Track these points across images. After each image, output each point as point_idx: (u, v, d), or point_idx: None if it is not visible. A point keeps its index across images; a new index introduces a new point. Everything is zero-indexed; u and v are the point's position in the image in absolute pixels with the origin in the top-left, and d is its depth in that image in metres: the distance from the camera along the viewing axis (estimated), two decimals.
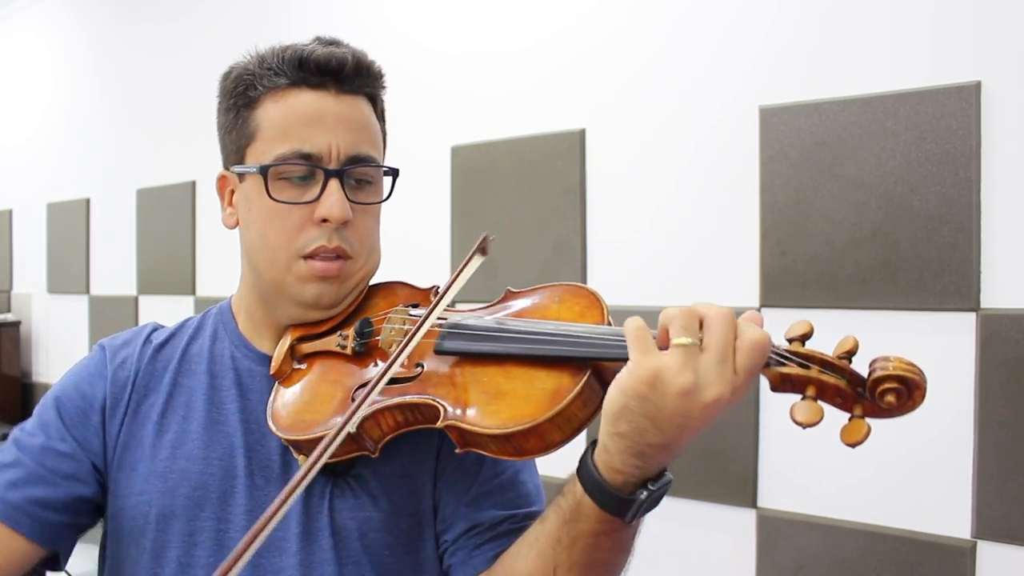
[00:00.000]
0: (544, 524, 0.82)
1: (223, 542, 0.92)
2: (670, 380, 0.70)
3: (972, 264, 1.54)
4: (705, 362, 0.70)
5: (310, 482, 0.93)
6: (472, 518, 0.94)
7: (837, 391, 0.71)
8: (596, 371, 0.80)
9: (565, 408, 0.77)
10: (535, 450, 0.79)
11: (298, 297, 0.96)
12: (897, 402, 0.69)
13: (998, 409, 1.53)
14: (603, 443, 0.75)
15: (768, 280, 1.78)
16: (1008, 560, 1.51)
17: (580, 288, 0.90)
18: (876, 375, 0.69)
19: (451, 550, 0.95)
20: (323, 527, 0.93)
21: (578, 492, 0.77)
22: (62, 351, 3.90)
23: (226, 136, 0.99)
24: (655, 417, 0.71)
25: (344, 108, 0.94)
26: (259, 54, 0.97)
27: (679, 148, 1.94)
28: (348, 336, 0.96)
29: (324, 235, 0.93)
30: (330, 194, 0.92)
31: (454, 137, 2.33)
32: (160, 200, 3.34)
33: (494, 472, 0.96)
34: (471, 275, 0.89)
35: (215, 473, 0.94)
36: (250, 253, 0.99)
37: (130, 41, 3.57)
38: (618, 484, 0.74)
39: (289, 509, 0.93)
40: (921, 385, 0.68)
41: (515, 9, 2.24)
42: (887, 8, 1.66)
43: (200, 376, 1.01)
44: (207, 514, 0.93)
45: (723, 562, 1.86)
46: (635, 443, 0.72)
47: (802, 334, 0.73)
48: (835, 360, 0.71)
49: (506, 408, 0.80)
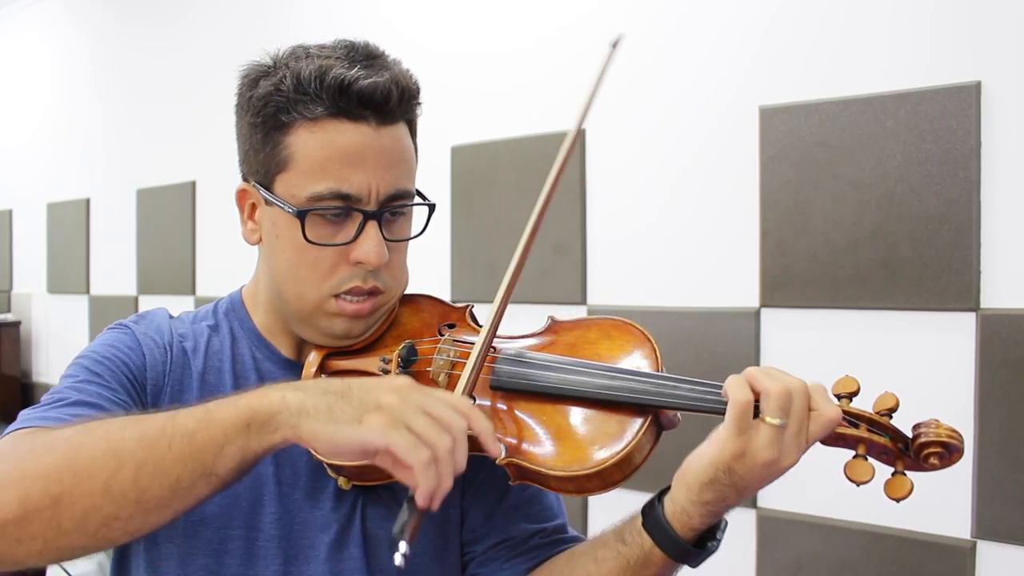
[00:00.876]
0: (600, 567, 0.86)
1: (253, 551, 0.90)
2: (758, 455, 0.76)
3: (972, 264, 1.54)
4: (787, 436, 0.76)
5: (343, 490, 0.90)
6: (504, 531, 0.96)
7: (883, 449, 0.78)
8: (655, 415, 0.83)
9: (630, 452, 0.80)
10: (595, 489, 0.82)
11: (326, 331, 0.93)
12: (940, 464, 0.76)
13: (998, 409, 1.53)
14: (683, 507, 0.80)
15: (768, 280, 1.78)
16: (1008, 560, 1.51)
17: (628, 325, 0.92)
18: (921, 440, 0.76)
19: (479, 560, 0.96)
20: (355, 536, 0.92)
21: (646, 544, 0.82)
22: (62, 351, 3.90)
23: (251, 152, 0.93)
24: (739, 486, 0.77)
25: (384, 141, 0.89)
26: (294, 72, 0.88)
27: (679, 148, 1.94)
28: (391, 361, 0.93)
29: (359, 275, 0.90)
30: (368, 238, 0.88)
31: (454, 137, 2.33)
32: (160, 200, 3.34)
33: (522, 486, 0.96)
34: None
35: (244, 481, 0.91)
36: (276, 278, 0.94)
37: (130, 41, 3.57)
38: (691, 539, 0.81)
39: (319, 517, 0.92)
40: (961, 450, 0.76)
41: (515, 9, 2.24)
42: (887, 8, 1.65)
43: (225, 376, 0.97)
44: (237, 522, 0.91)
45: (723, 562, 1.86)
46: (717, 508, 0.80)
47: (850, 392, 0.79)
48: (880, 419, 0.78)
49: (570, 450, 0.82)
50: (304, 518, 0.93)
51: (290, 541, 0.92)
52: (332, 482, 0.92)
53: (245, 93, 0.92)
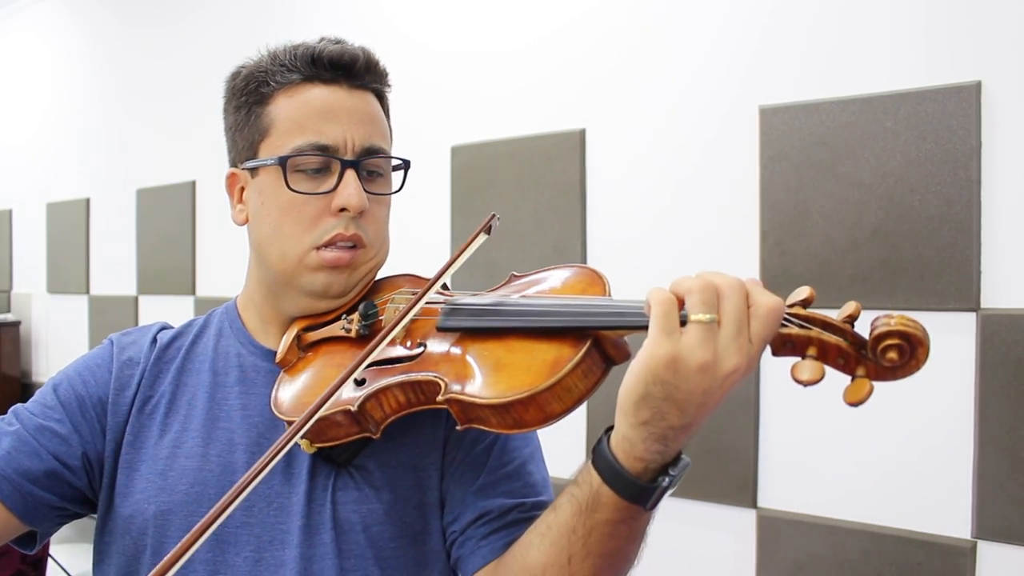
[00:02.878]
0: (557, 514, 0.81)
1: (223, 537, 0.92)
2: (689, 358, 0.68)
3: (972, 264, 1.54)
4: (723, 336, 0.69)
5: (315, 475, 0.93)
6: (480, 507, 0.94)
7: (839, 351, 0.69)
8: (597, 342, 0.79)
9: (565, 377, 0.76)
10: (534, 421, 0.78)
11: (308, 287, 0.97)
12: (900, 359, 0.67)
13: (998, 409, 1.53)
14: (623, 433, 0.73)
15: (768, 280, 1.78)
16: (1008, 560, 1.51)
17: (582, 267, 0.91)
18: (878, 331, 0.68)
19: (460, 540, 0.95)
20: (325, 520, 0.93)
21: (595, 482, 0.76)
22: (62, 351, 3.90)
23: (237, 134, 1.00)
24: (676, 399, 0.70)
25: (356, 102, 0.97)
26: (271, 52, 0.99)
27: (679, 148, 1.94)
28: (353, 319, 0.96)
29: (341, 223, 0.94)
30: (347, 184, 0.94)
31: (454, 137, 2.33)
32: (160, 200, 3.34)
33: (501, 462, 0.97)
34: (473, 252, 0.90)
35: (213, 469, 0.95)
36: (261, 246, 0.99)
37: (130, 41, 3.57)
38: (639, 472, 0.74)
39: (292, 503, 0.93)
40: (924, 341, 0.67)
41: (515, 9, 2.24)
42: (887, 8, 1.66)
43: (203, 374, 1.01)
44: (206, 509, 0.92)
45: (723, 562, 1.86)
46: (658, 428, 0.71)
47: (803, 299, 0.73)
48: (836, 322, 0.70)
49: (505, 379, 0.80)
50: (278, 504, 0.94)
51: (263, 527, 0.93)
52: (305, 468, 0.94)
53: (230, 85, 1.01)
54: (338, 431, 0.89)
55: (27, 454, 0.93)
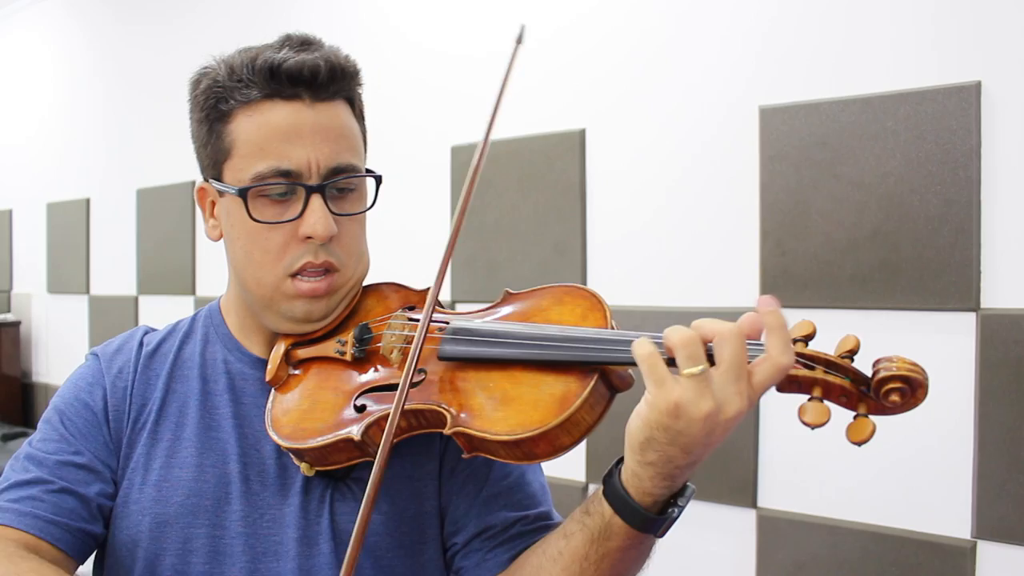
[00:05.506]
0: (569, 541, 0.83)
1: (219, 548, 0.92)
2: (691, 409, 0.70)
3: (972, 264, 1.54)
4: (720, 383, 0.71)
5: (310, 486, 0.93)
6: (484, 521, 0.95)
7: (842, 391, 0.72)
8: (603, 375, 0.80)
9: (574, 413, 0.78)
10: (544, 455, 0.80)
11: (287, 313, 0.95)
12: (901, 401, 0.71)
13: (998, 409, 1.53)
14: (632, 470, 0.76)
15: (768, 280, 1.78)
16: (1008, 560, 1.51)
17: (580, 289, 0.89)
18: (880, 375, 0.71)
19: (462, 552, 0.95)
20: (323, 531, 0.93)
21: (607, 513, 0.78)
22: (62, 351, 3.90)
23: (201, 149, 0.97)
24: (681, 443, 0.72)
25: (320, 118, 0.91)
26: (228, 63, 0.93)
27: (679, 148, 1.94)
28: (347, 342, 0.95)
29: (310, 251, 0.91)
30: (312, 211, 0.90)
31: (454, 137, 2.33)
32: (160, 200, 3.34)
33: (503, 474, 0.96)
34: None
35: (209, 480, 0.94)
36: (236, 268, 0.97)
37: (130, 41, 3.57)
38: (648, 505, 0.77)
39: (287, 514, 0.93)
40: (924, 384, 0.70)
41: (515, 10, 2.24)
42: (887, 8, 1.65)
43: (192, 382, 1.00)
44: (201, 521, 0.93)
45: (723, 562, 1.86)
46: (665, 469, 0.74)
47: (805, 335, 0.74)
48: (839, 360, 0.73)
49: (514, 414, 0.80)
50: (272, 515, 0.93)
51: (257, 539, 0.92)
52: (300, 479, 0.94)
53: (192, 93, 0.98)
54: (340, 456, 0.89)
55: (64, 494, 0.91)
